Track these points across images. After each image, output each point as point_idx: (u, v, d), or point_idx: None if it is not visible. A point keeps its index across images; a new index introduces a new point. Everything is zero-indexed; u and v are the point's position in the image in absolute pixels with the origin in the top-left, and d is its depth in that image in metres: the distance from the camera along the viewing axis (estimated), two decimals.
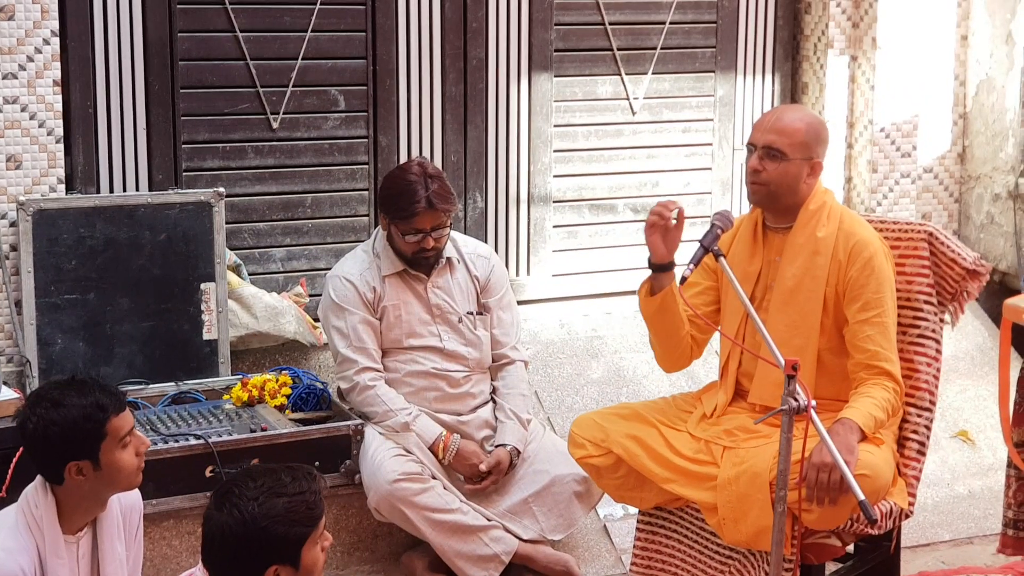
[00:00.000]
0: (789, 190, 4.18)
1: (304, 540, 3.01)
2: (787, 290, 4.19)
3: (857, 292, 4.13)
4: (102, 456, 3.34)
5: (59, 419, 3.31)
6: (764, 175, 4.17)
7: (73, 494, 3.36)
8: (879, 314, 4.13)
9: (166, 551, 4.73)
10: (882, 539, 4.32)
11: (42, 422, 3.32)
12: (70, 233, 5.11)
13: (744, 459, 4.06)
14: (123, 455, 3.37)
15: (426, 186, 4.83)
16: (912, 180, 6.46)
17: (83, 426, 3.32)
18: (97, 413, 3.33)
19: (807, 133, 4.19)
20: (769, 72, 6.48)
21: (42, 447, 3.33)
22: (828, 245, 4.16)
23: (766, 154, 4.17)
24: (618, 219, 6.32)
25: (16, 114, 5.06)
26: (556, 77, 6.08)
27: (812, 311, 4.17)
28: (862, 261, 4.13)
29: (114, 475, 3.37)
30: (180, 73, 5.46)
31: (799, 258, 4.19)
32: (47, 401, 3.35)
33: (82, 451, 3.32)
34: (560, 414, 5.60)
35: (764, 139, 4.18)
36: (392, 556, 5.01)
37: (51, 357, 5.10)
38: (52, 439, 3.31)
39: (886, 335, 4.13)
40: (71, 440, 3.31)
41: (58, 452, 3.32)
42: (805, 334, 4.16)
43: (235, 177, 5.60)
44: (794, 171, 4.17)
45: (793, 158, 4.16)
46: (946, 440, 5.81)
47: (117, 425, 3.36)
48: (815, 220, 4.20)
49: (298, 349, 5.55)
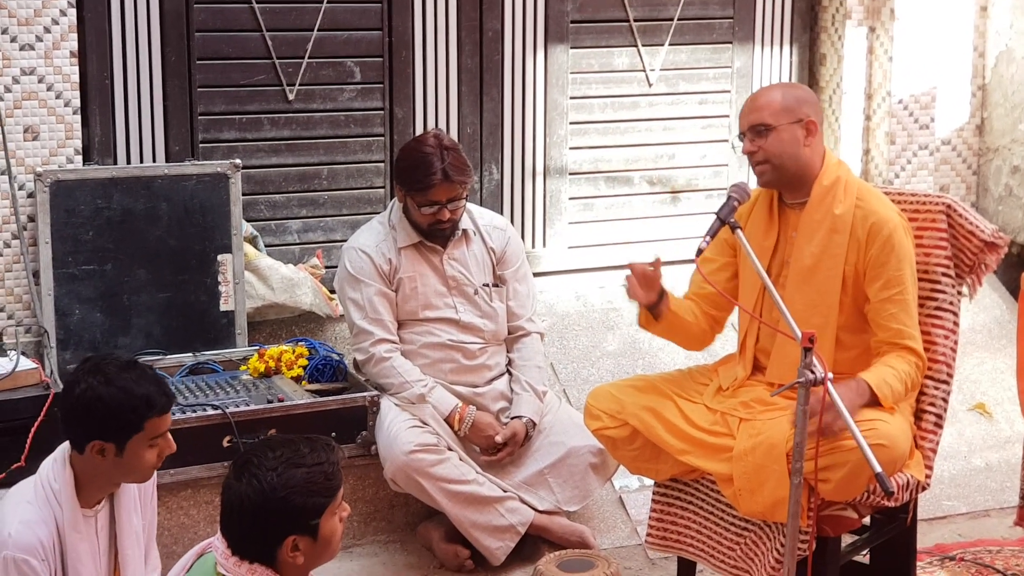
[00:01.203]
0: (791, 157, 4.17)
1: (322, 511, 3.02)
2: (805, 268, 4.18)
3: (878, 271, 4.12)
4: (128, 446, 3.33)
5: (107, 397, 3.30)
6: (760, 153, 4.18)
7: (89, 469, 3.36)
8: (900, 292, 4.12)
9: (184, 520, 4.75)
10: (898, 511, 4.32)
11: (91, 392, 3.31)
12: (87, 204, 5.12)
13: (760, 431, 4.05)
14: (147, 453, 3.37)
15: (442, 158, 4.82)
16: (930, 152, 6.44)
17: (125, 414, 3.31)
18: (143, 407, 3.33)
19: (784, 98, 4.19)
20: (787, 43, 6.46)
21: (79, 415, 3.33)
22: (846, 222, 4.14)
23: (755, 134, 4.18)
24: (634, 191, 6.31)
25: (33, 85, 5.06)
26: (572, 49, 6.07)
27: (831, 290, 4.15)
28: (882, 239, 4.11)
29: (131, 467, 3.37)
30: (196, 44, 5.46)
31: (817, 236, 4.17)
32: (103, 375, 3.33)
33: (112, 435, 3.32)
34: (576, 386, 5.61)
35: (747, 121, 4.22)
36: (408, 526, 5.03)
37: (69, 327, 5.11)
38: (92, 412, 3.30)
39: (908, 312, 4.12)
40: (108, 421, 3.30)
41: (91, 426, 3.32)
42: (824, 312, 4.15)
43: (251, 149, 5.60)
44: (787, 136, 4.16)
45: (779, 124, 4.15)
46: (963, 413, 5.80)
47: (155, 425, 3.36)
48: (831, 196, 4.18)
49: (314, 320, 5.56)
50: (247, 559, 3.02)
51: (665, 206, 6.37)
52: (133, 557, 3.49)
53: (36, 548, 3.27)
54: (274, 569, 3.02)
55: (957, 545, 4.99)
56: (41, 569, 3.28)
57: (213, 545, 3.09)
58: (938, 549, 4.93)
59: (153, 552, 3.64)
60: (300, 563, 3.03)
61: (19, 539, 3.26)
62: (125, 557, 3.47)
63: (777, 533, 4.04)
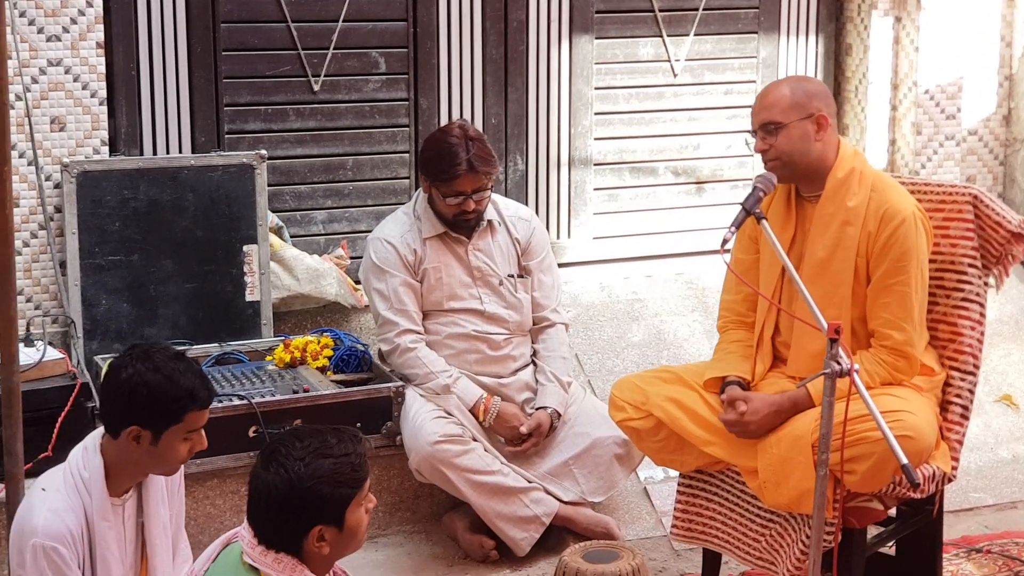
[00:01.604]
0: (802, 153, 4.14)
1: (349, 501, 3.02)
2: (818, 261, 4.16)
3: (881, 258, 4.10)
4: (164, 436, 3.34)
5: (152, 383, 3.31)
6: (772, 151, 4.15)
7: (121, 455, 3.37)
8: (900, 282, 4.09)
9: (210, 510, 4.77)
10: (924, 503, 4.31)
11: (137, 378, 3.32)
12: (114, 195, 5.14)
13: (786, 422, 4.05)
14: (181, 446, 3.38)
15: (467, 148, 4.82)
16: (956, 143, 6.42)
17: (168, 403, 3.32)
18: (187, 399, 3.33)
19: (794, 94, 4.16)
20: (812, 33, 6.44)
21: (122, 398, 3.33)
22: (859, 215, 4.12)
23: (765, 132, 4.16)
24: (659, 182, 6.30)
25: (60, 76, 5.08)
26: (597, 39, 6.06)
27: (844, 282, 4.14)
28: (890, 228, 4.09)
29: (163, 457, 3.38)
30: (222, 35, 5.48)
31: (830, 229, 4.15)
32: (151, 362, 3.34)
33: (152, 422, 3.33)
34: (600, 377, 5.60)
35: (758, 119, 4.19)
36: (433, 517, 5.04)
37: (95, 318, 5.13)
38: (136, 398, 3.31)
39: (904, 304, 4.09)
40: (150, 408, 3.31)
41: (132, 411, 3.32)
42: (837, 304, 4.13)
43: (276, 139, 5.61)
44: (797, 134, 4.14)
45: (789, 121, 4.13)
46: (989, 404, 5.78)
47: (194, 418, 3.37)
48: (844, 188, 4.15)
49: (339, 311, 5.57)
50: (273, 549, 3.03)
51: (690, 197, 6.36)
52: (160, 546, 3.50)
53: (65, 536, 3.29)
54: (300, 559, 3.03)
55: (984, 537, 4.97)
56: (69, 557, 3.29)
57: (239, 535, 3.10)
58: (964, 541, 4.92)
59: (183, 542, 3.66)
60: (326, 553, 3.04)
61: (48, 527, 3.27)
62: (153, 546, 3.48)
63: (802, 525, 4.04)
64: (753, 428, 4.07)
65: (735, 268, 4.29)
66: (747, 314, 4.38)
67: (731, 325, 4.41)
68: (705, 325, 5.91)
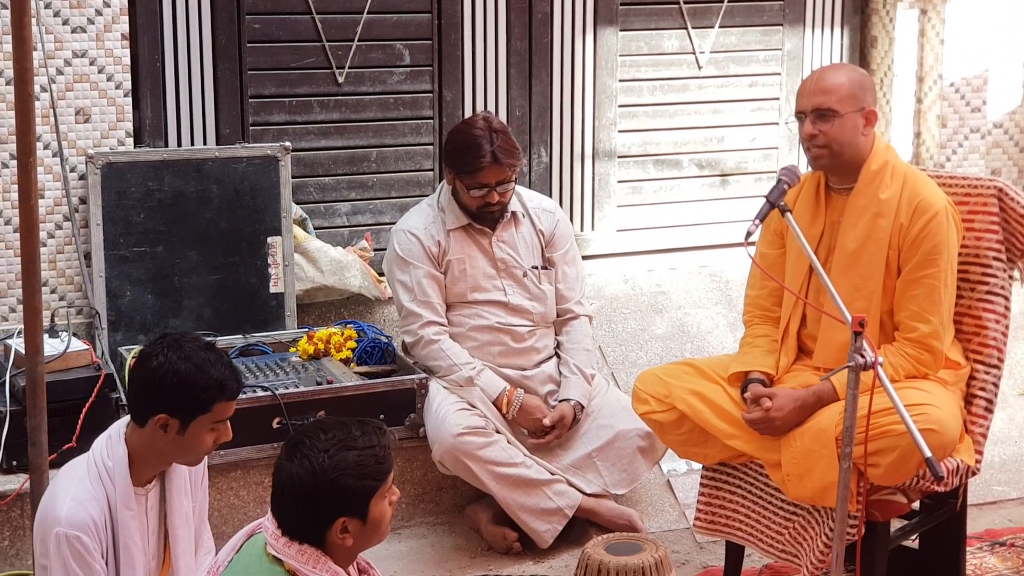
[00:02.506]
0: (850, 146, 4.13)
1: (372, 493, 3.03)
2: (849, 253, 4.15)
3: (912, 251, 4.09)
4: (192, 425, 3.35)
5: (183, 372, 3.32)
6: (821, 138, 4.11)
7: (147, 444, 3.38)
8: (930, 275, 4.08)
9: (233, 501, 4.78)
10: (948, 496, 4.30)
11: (167, 366, 3.32)
12: (138, 186, 5.15)
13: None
14: (206, 436, 3.39)
15: (491, 140, 4.82)
16: (982, 135, 6.39)
17: (197, 392, 3.33)
18: (216, 389, 3.34)
19: (851, 84, 4.13)
20: (838, 26, 6.42)
21: (152, 386, 3.34)
22: (891, 207, 4.11)
23: (818, 116, 4.12)
24: (683, 174, 6.29)
25: (85, 68, 5.10)
26: (622, 31, 6.06)
27: (874, 274, 4.13)
28: (923, 221, 4.08)
29: (188, 447, 3.39)
30: (247, 27, 5.49)
31: (861, 220, 4.14)
32: (181, 351, 3.35)
33: (180, 411, 3.34)
34: (624, 369, 5.60)
35: (812, 103, 4.13)
36: (456, 508, 5.04)
37: (120, 309, 5.15)
38: (165, 386, 3.32)
39: (932, 297, 4.08)
40: (180, 396, 3.32)
41: (162, 399, 3.33)
42: (867, 296, 4.12)
43: (301, 131, 5.62)
44: (850, 125, 4.12)
45: (845, 112, 4.11)
46: (1014, 397, 5.76)
47: (222, 409, 3.38)
48: (878, 180, 4.14)
49: (363, 303, 5.58)
50: (296, 540, 3.03)
51: (714, 189, 6.35)
52: (183, 537, 3.51)
53: (88, 525, 3.30)
54: (323, 551, 3.04)
55: (1007, 531, 4.96)
56: (92, 546, 3.30)
57: (263, 526, 3.11)
58: (988, 535, 4.90)
59: (206, 534, 3.67)
60: (349, 545, 3.05)
61: (71, 516, 3.29)
62: (175, 536, 3.49)
63: (826, 518, 4.03)
64: (779, 424, 4.06)
65: (760, 263, 4.27)
66: (772, 309, 4.37)
67: (756, 320, 4.40)
68: (729, 318, 5.90)
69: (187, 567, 3.51)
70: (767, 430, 4.09)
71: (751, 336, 4.37)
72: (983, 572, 4.63)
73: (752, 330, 4.39)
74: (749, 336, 4.38)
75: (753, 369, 4.23)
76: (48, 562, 3.29)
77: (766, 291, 4.38)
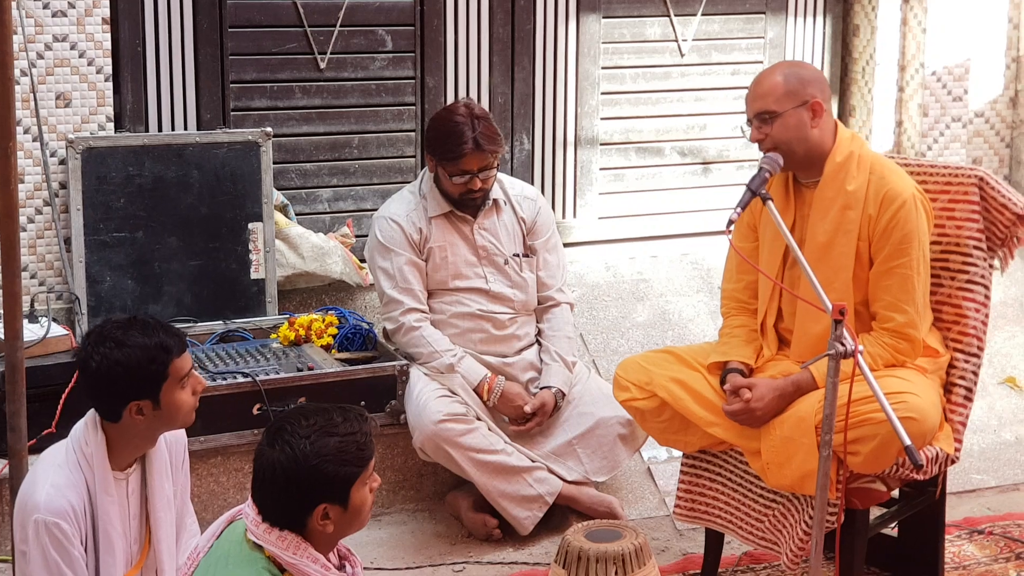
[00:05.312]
0: (799, 141, 4.12)
1: (354, 480, 3.03)
2: (819, 246, 4.15)
3: (883, 242, 4.09)
4: (163, 396, 3.35)
5: (123, 359, 3.31)
6: (768, 141, 4.13)
7: (127, 432, 3.38)
8: (902, 264, 4.08)
9: (213, 487, 4.78)
10: (927, 484, 4.31)
11: (106, 361, 3.32)
12: (119, 171, 5.14)
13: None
14: (182, 395, 3.39)
15: (473, 127, 4.81)
16: (963, 124, 6.40)
17: (147, 367, 3.32)
18: (161, 354, 3.34)
19: (788, 81, 4.13)
20: (820, 14, 6.42)
21: (105, 386, 3.34)
22: (859, 198, 4.11)
23: (760, 121, 4.14)
24: (665, 162, 6.29)
25: (65, 52, 5.07)
26: (604, 18, 6.05)
27: (845, 266, 4.13)
28: (891, 211, 4.08)
29: (172, 414, 3.39)
30: (228, 12, 5.46)
31: (830, 213, 4.14)
32: (111, 340, 3.34)
33: (144, 391, 3.33)
34: (605, 357, 5.60)
35: (752, 109, 4.16)
36: (437, 495, 5.04)
37: (100, 295, 5.14)
38: (116, 379, 3.31)
39: (905, 287, 4.08)
40: (135, 380, 3.32)
41: (120, 391, 3.33)
42: (839, 289, 4.12)
43: (282, 117, 5.61)
44: (793, 121, 4.11)
45: (784, 110, 4.10)
46: (993, 386, 5.78)
47: (179, 366, 3.37)
48: (843, 172, 4.14)
49: (344, 289, 5.57)
50: (277, 526, 3.03)
51: (696, 177, 6.36)
52: (164, 520, 3.50)
53: (67, 512, 3.29)
54: (304, 537, 3.04)
55: (986, 519, 4.97)
56: (71, 533, 3.29)
57: (243, 512, 3.11)
58: (967, 523, 4.92)
59: (189, 516, 3.66)
60: (330, 531, 3.05)
61: (50, 503, 3.28)
62: (156, 520, 3.48)
63: (805, 505, 4.04)
64: (760, 414, 4.07)
65: (733, 256, 4.27)
66: (749, 301, 4.37)
67: (733, 311, 4.40)
68: (710, 305, 5.90)
69: (168, 550, 3.50)
70: (748, 421, 4.09)
71: (729, 327, 4.38)
72: (962, 560, 4.64)
73: (730, 320, 4.39)
74: (727, 327, 4.38)
75: (732, 359, 4.23)
76: (27, 548, 3.29)
77: (742, 284, 4.39)
